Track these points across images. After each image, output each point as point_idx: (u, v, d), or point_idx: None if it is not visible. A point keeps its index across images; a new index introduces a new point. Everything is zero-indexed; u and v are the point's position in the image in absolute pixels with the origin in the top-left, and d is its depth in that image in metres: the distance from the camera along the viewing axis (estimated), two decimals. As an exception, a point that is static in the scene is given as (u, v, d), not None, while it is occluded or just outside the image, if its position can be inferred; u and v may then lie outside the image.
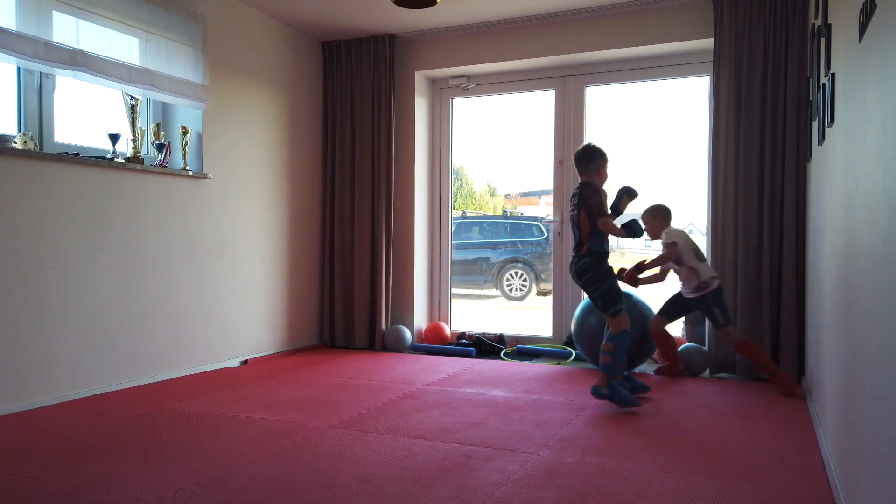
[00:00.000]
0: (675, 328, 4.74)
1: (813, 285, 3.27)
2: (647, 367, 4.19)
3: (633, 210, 3.54)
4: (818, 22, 3.11)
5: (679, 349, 4.05)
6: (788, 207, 3.86)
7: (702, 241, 4.26)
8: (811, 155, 3.47)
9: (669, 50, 4.43)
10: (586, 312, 4.07)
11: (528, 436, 2.76)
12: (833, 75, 2.47)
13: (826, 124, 2.64)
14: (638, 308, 3.92)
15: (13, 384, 3.05)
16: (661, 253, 3.71)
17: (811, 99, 3.49)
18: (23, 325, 3.08)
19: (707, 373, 4.07)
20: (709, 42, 4.20)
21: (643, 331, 3.84)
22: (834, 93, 2.45)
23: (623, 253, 9.10)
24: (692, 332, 4.45)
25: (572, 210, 3.26)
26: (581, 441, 2.69)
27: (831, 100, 2.50)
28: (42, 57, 3.10)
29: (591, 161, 3.29)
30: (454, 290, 5.36)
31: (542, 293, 8.43)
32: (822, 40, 2.84)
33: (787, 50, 3.87)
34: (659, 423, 2.97)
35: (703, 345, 4.22)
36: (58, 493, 2.12)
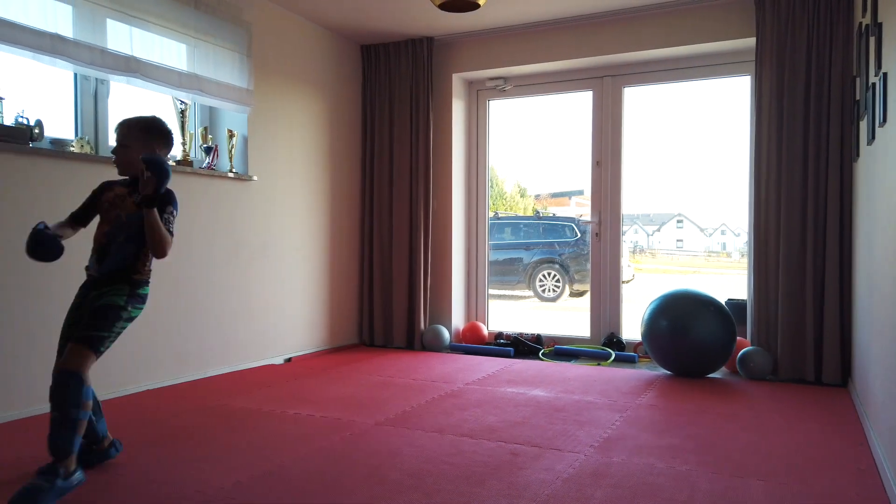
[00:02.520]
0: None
1: (862, 285, 3.23)
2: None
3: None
4: (866, 20, 3.07)
5: (741, 352, 3.96)
6: (832, 207, 3.82)
7: (738, 241, 4.22)
8: (858, 155, 3.43)
9: (709, 49, 4.41)
10: (657, 314, 3.97)
11: (572, 435, 2.78)
12: (885, 74, 2.44)
13: (877, 124, 2.61)
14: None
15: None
16: None
17: (857, 98, 3.45)
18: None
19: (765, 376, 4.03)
20: (750, 41, 4.16)
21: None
22: (886, 92, 2.42)
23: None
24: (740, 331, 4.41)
25: None
26: (626, 442, 2.70)
27: (883, 99, 2.47)
28: (98, 63, 3.21)
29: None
30: (489, 291, 5.39)
31: (575, 294, 8.41)
32: (872, 39, 2.81)
33: (832, 49, 3.82)
34: (705, 424, 2.96)
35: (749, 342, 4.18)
36: (122, 484, 2.20)
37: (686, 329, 3.84)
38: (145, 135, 2.33)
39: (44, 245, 2.14)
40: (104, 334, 2.19)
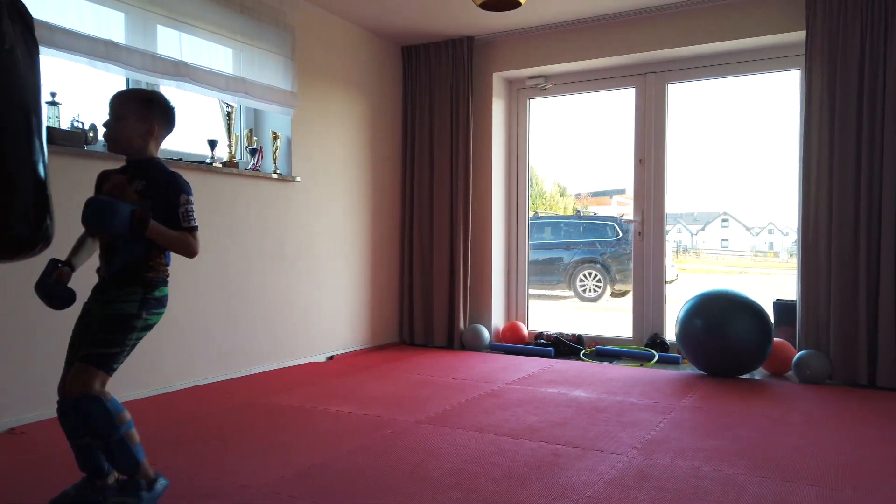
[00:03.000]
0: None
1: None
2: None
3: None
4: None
5: (797, 356, 3.83)
6: (887, 205, 3.68)
7: (786, 241, 4.11)
8: (915, 150, 3.30)
9: (757, 44, 4.30)
10: (692, 314, 3.93)
11: (615, 437, 2.75)
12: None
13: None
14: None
15: (129, 375, 3.27)
16: None
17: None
18: (132, 319, 3.30)
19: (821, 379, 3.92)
20: (800, 35, 4.05)
21: None
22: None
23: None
24: (783, 332, 4.30)
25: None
26: (671, 444, 2.66)
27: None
28: (149, 69, 3.31)
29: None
30: (529, 290, 5.37)
31: (616, 294, 8.30)
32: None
33: (887, 41, 3.69)
34: (752, 428, 2.89)
35: (795, 344, 4.08)
36: (171, 477, 2.27)
37: (720, 328, 3.79)
38: (145, 108, 2.00)
39: (59, 297, 1.92)
40: (114, 350, 1.90)
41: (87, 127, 3.17)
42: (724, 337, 3.79)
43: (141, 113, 2.00)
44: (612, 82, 4.92)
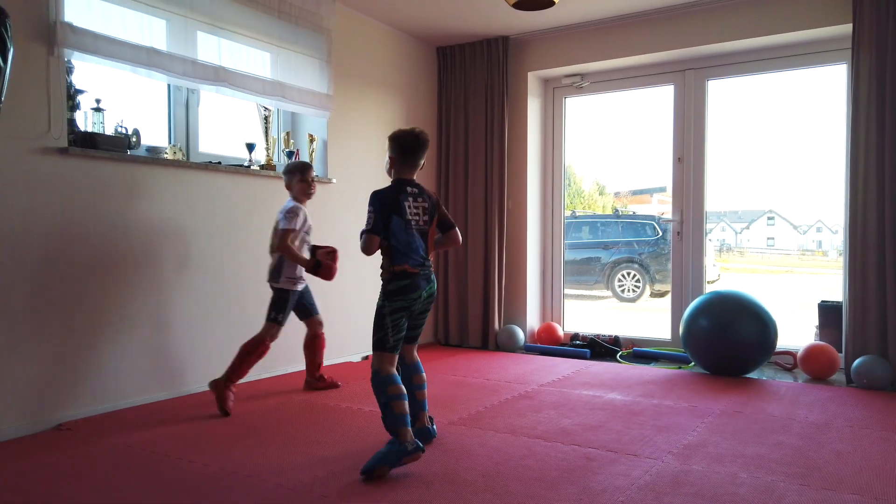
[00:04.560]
0: (810, 332, 4.47)
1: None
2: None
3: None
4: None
5: (856, 362, 3.65)
6: (941, 204, 3.53)
7: (835, 239, 3.99)
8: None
9: (800, 38, 4.17)
10: (696, 314, 3.97)
11: (650, 441, 2.71)
12: None
13: None
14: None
15: (164, 373, 3.37)
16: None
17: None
18: (172, 317, 3.39)
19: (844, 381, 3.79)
20: (846, 28, 3.92)
21: None
22: None
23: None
24: (828, 335, 4.17)
25: (423, 215, 2.61)
26: (708, 448, 2.60)
27: None
28: (189, 74, 3.39)
29: (425, 151, 2.65)
30: (565, 291, 5.32)
31: (655, 294, 8.16)
32: None
33: (940, 32, 3.54)
34: (793, 434, 2.81)
35: (841, 350, 3.95)
36: (207, 474, 2.33)
37: (725, 326, 3.86)
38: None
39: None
40: (379, 335, 2.51)
41: (129, 132, 3.27)
42: (726, 334, 3.86)
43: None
44: (650, 79, 4.83)
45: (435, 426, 2.77)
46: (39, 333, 2.86)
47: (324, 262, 3.24)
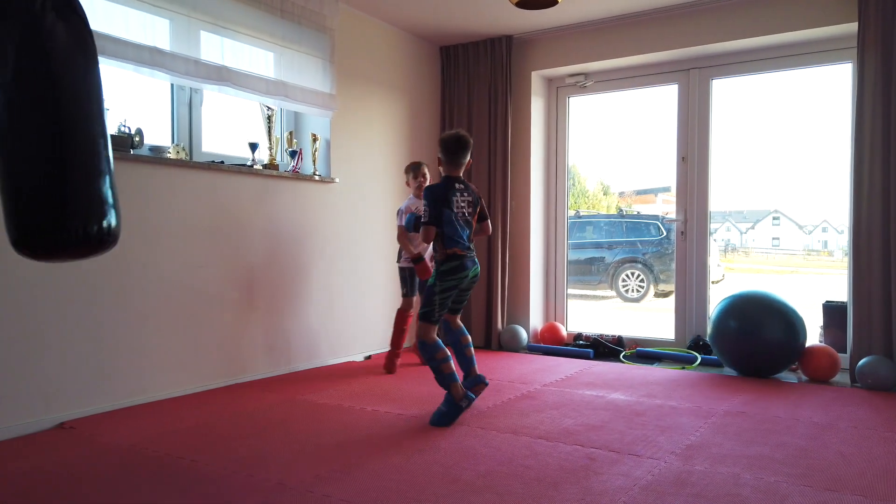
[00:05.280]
0: (814, 333, 4.45)
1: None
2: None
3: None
4: None
5: (861, 362, 3.64)
6: (947, 204, 3.51)
7: (841, 239, 3.98)
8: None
9: (805, 37, 4.15)
10: (725, 315, 3.93)
11: (652, 441, 2.70)
12: None
13: None
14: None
15: (168, 372, 3.37)
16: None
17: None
18: (178, 317, 3.40)
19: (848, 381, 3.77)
20: (851, 27, 3.90)
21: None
22: None
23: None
24: (832, 335, 4.15)
25: (468, 207, 3.06)
26: (711, 449, 2.59)
27: None
28: (192, 74, 3.40)
29: (468, 151, 3.08)
30: (568, 291, 5.31)
31: (660, 294, 8.14)
32: None
33: (946, 30, 3.52)
34: (797, 434, 2.80)
35: (846, 350, 3.93)
36: (211, 474, 2.33)
37: (752, 328, 3.83)
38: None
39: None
40: (426, 309, 3.02)
41: (133, 132, 3.27)
42: (754, 335, 3.84)
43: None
44: (654, 78, 4.82)
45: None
46: (42, 332, 2.87)
47: (423, 261, 3.77)
